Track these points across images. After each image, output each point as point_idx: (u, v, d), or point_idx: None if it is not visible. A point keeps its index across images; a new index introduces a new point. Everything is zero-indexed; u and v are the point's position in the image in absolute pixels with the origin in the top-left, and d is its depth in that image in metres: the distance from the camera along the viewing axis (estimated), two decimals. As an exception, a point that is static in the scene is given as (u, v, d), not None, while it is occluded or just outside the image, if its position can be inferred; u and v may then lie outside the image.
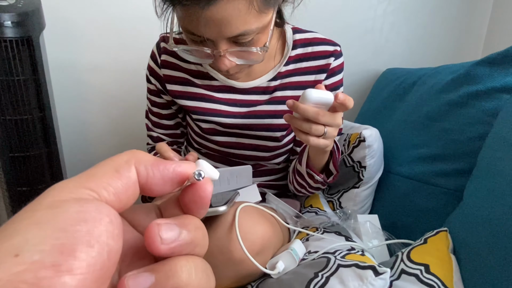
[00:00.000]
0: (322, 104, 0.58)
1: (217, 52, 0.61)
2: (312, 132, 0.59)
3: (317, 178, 0.74)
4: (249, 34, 0.60)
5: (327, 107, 0.59)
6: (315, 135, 0.60)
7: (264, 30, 0.62)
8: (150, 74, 0.84)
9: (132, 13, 1.19)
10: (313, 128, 0.59)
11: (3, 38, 0.86)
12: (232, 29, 0.58)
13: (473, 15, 1.41)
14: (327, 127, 0.59)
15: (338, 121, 0.60)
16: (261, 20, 0.60)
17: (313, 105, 0.58)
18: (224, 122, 0.80)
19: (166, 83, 0.81)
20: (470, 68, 0.77)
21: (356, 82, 1.44)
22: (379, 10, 1.36)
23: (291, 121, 0.62)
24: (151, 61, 0.83)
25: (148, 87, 0.87)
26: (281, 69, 0.79)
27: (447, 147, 0.76)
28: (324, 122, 0.58)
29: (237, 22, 0.57)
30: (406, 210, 0.81)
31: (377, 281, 0.49)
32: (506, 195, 0.52)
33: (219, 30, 0.58)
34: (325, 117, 0.58)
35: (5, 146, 0.94)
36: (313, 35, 0.81)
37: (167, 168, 0.20)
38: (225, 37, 0.59)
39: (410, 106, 0.93)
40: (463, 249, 0.57)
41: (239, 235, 0.55)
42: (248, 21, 0.58)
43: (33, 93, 0.95)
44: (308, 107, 0.57)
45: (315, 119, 0.58)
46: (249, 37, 0.60)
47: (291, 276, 0.56)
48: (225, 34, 0.58)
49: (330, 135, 0.61)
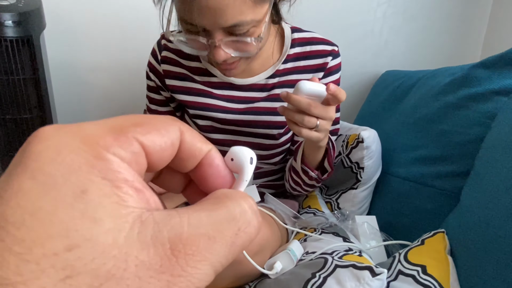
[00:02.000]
0: (315, 96, 0.59)
1: (212, 42, 0.62)
2: (305, 124, 0.60)
3: (311, 174, 0.75)
4: (243, 26, 0.61)
5: (320, 99, 0.60)
6: (308, 127, 0.61)
7: (259, 24, 0.63)
8: (150, 71, 0.85)
9: (133, 14, 1.19)
10: (305, 120, 0.60)
11: (3, 37, 0.86)
12: (227, 19, 0.59)
13: (472, 18, 1.42)
14: (319, 120, 0.60)
15: (330, 114, 0.61)
16: (256, 12, 0.61)
17: (306, 96, 0.59)
18: (221, 118, 0.80)
19: (166, 78, 0.82)
20: (468, 71, 0.77)
21: (355, 84, 1.45)
22: (378, 12, 1.36)
23: (284, 112, 0.63)
24: (152, 57, 0.84)
25: (148, 84, 0.88)
26: (279, 67, 0.80)
27: (445, 149, 0.76)
28: (317, 114, 0.59)
29: (232, 12, 0.58)
30: (403, 212, 0.81)
31: (374, 282, 0.49)
32: (503, 197, 0.53)
33: (214, 19, 0.59)
34: (318, 109, 0.59)
35: (5, 145, 0.94)
36: (312, 35, 0.82)
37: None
38: (220, 27, 0.60)
39: (409, 108, 0.94)
40: (460, 250, 0.57)
41: None
42: (243, 12, 0.59)
43: (33, 92, 0.95)
44: (301, 98, 0.59)
45: (308, 110, 0.59)
46: (244, 29, 0.61)
47: (288, 276, 0.56)
48: (219, 23, 0.59)
49: (322, 128, 0.62)
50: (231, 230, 0.15)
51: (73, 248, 0.11)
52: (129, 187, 0.14)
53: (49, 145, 0.13)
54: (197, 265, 0.13)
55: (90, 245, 0.12)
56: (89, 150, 0.13)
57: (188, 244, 0.13)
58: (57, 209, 0.12)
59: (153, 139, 0.15)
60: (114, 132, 0.14)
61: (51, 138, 0.13)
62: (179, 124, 0.17)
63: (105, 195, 0.13)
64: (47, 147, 0.13)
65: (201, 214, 0.14)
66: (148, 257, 0.12)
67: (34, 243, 0.11)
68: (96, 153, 0.13)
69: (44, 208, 0.12)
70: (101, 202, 0.12)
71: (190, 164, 0.18)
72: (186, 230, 0.13)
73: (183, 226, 0.13)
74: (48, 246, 0.11)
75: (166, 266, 0.13)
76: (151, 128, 0.16)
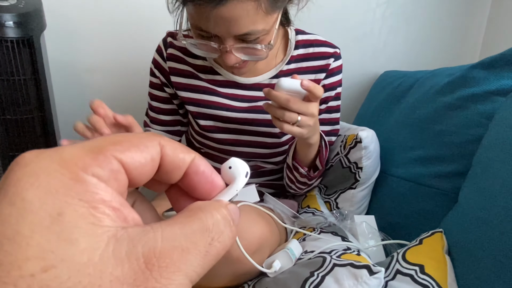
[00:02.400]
0: (294, 92, 0.62)
1: (224, 48, 0.64)
2: (286, 119, 0.63)
3: (301, 170, 0.78)
4: (255, 34, 0.63)
5: (301, 95, 0.63)
6: (289, 122, 0.63)
7: (269, 31, 0.65)
8: (154, 67, 0.86)
9: (133, 14, 1.19)
10: (286, 115, 0.62)
11: (4, 38, 0.86)
12: (240, 28, 0.61)
13: (471, 19, 1.42)
14: (300, 115, 0.63)
15: (311, 110, 0.63)
16: (267, 21, 0.63)
17: (286, 92, 0.62)
18: (225, 116, 0.82)
19: (171, 75, 0.83)
20: (466, 71, 0.78)
21: (354, 84, 1.45)
22: (377, 13, 1.37)
23: (268, 108, 0.65)
24: (157, 55, 0.85)
25: (151, 80, 0.88)
26: (283, 67, 0.82)
27: (443, 149, 0.76)
28: (296, 109, 0.62)
29: (245, 22, 0.60)
30: (402, 211, 0.81)
31: (372, 280, 0.50)
32: (501, 196, 0.53)
33: (227, 28, 0.61)
34: (297, 104, 0.61)
35: (6, 145, 0.94)
36: (315, 37, 0.84)
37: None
38: (232, 35, 0.62)
39: (407, 108, 0.94)
40: (458, 250, 0.58)
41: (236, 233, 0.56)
42: (255, 22, 0.61)
43: (33, 93, 0.95)
44: (279, 93, 0.62)
45: (286, 105, 0.61)
46: (255, 37, 0.63)
47: (287, 275, 0.56)
48: (232, 32, 0.61)
49: (304, 124, 0.64)
50: (204, 240, 0.16)
51: (49, 268, 0.12)
52: (106, 207, 0.14)
53: (27, 171, 0.14)
54: (171, 276, 0.14)
55: (66, 265, 0.12)
56: (67, 172, 0.14)
57: (162, 257, 0.14)
58: (34, 232, 0.12)
59: (132, 155, 0.16)
60: (93, 152, 0.15)
61: (30, 164, 0.14)
62: (158, 139, 0.18)
63: (81, 216, 0.13)
64: (25, 173, 0.14)
65: (175, 227, 0.15)
66: (123, 272, 0.13)
67: (11, 266, 0.12)
68: (74, 175, 0.14)
69: (22, 232, 0.12)
70: (77, 223, 0.13)
71: (176, 175, 0.19)
72: (159, 244, 0.14)
73: (157, 240, 0.14)
74: (25, 268, 0.12)
75: (140, 280, 0.13)
76: (129, 145, 0.16)
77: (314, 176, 0.79)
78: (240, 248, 0.55)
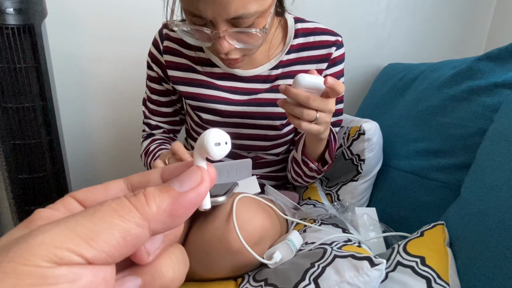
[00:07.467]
0: (314, 88, 0.58)
1: (216, 33, 0.62)
2: (304, 117, 0.60)
3: (311, 165, 0.75)
4: (248, 18, 0.60)
5: (319, 92, 0.59)
6: (307, 120, 0.60)
7: (263, 15, 0.63)
8: (151, 61, 0.85)
9: (135, 3, 1.18)
10: (304, 113, 0.59)
11: (4, 25, 0.85)
12: (231, 10, 0.58)
13: (477, 10, 1.40)
14: (319, 112, 0.60)
15: (330, 106, 0.61)
16: (260, 3, 0.60)
17: (304, 89, 0.58)
18: (224, 110, 0.80)
19: (168, 69, 0.82)
20: (472, 63, 0.77)
21: (357, 76, 1.44)
22: (382, 4, 1.35)
23: (284, 106, 0.62)
24: (153, 47, 0.84)
25: (149, 74, 0.87)
26: (282, 57, 0.80)
27: (447, 142, 0.76)
28: (315, 107, 0.59)
29: (236, 4, 0.57)
30: (404, 204, 0.81)
31: (373, 272, 0.49)
32: (503, 189, 0.53)
33: (218, 10, 0.58)
34: (316, 101, 0.58)
35: (7, 133, 0.94)
36: (315, 25, 0.81)
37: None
38: (224, 18, 0.60)
39: (411, 100, 0.93)
40: (459, 242, 0.57)
41: (237, 225, 0.56)
42: (247, 3, 0.58)
43: (34, 81, 0.95)
44: (299, 91, 0.58)
45: (306, 103, 0.58)
46: (249, 21, 0.61)
47: (288, 266, 0.56)
48: (223, 14, 0.59)
49: (322, 121, 0.61)
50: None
51: None
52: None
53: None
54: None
55: None
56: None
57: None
58: None
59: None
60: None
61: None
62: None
63: None
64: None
65: None
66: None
67: None
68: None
69: None
70: None
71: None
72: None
73: None
74: None
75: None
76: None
77: (324, 170, 0.77)
78: (240, 239, 0.55)
